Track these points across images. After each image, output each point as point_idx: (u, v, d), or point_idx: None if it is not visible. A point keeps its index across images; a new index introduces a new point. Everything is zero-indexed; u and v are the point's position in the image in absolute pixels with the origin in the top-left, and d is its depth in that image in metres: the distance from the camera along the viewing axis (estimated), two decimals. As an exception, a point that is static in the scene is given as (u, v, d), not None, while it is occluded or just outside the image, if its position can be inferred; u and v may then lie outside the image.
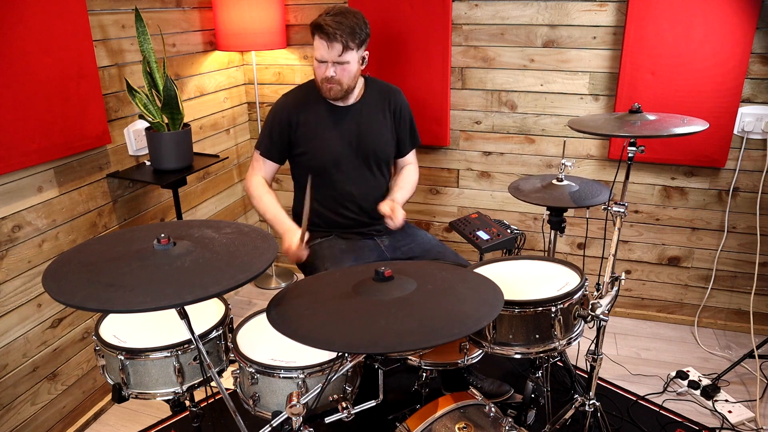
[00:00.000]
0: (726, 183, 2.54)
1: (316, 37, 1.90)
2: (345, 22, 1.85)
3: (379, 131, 2.10)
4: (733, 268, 2.67)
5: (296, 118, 2.03)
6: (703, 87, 2.37)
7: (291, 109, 2.04)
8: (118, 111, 2.20)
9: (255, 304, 3.06)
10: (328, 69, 1.92)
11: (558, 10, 2.49)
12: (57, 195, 1.98)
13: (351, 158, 2.06)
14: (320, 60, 1.92)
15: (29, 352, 1.94)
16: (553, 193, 2.00)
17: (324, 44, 1.88)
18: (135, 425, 2.19)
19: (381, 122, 2.10)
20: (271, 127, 2.05)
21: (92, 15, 2.02)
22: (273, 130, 2.05)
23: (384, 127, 2.12)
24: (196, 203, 2.79)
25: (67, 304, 1.01)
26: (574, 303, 1.48)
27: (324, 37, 1.87)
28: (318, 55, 1.92)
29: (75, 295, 1.02)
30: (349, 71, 1.93)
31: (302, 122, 2.03)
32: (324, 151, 2.04)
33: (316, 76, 1.98)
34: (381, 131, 2.11)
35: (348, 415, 1.31)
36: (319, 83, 1.98)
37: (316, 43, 1.91)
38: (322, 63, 1.92)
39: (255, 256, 1.17)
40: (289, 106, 2.05)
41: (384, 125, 2.11)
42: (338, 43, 1.86)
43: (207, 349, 1.46)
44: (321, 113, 2.04)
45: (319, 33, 1.88)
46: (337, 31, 1.85)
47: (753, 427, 2.12)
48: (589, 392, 1.74)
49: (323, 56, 1.90)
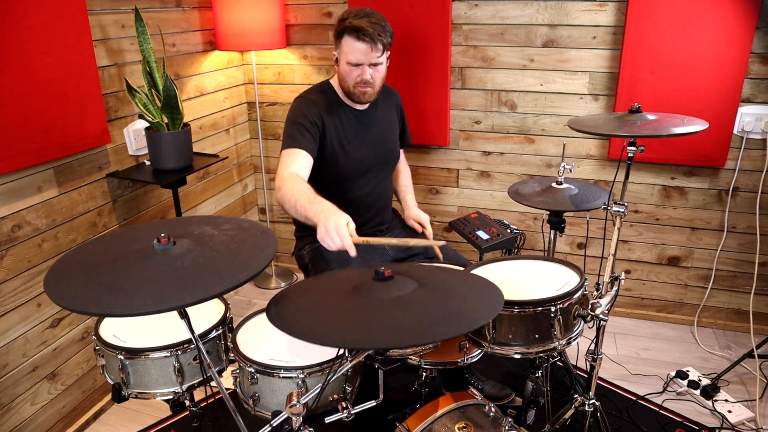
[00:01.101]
0: (726, 183, 2.54)
1: (351, 39, 1.81)
2: (380, 23, 1.82)
3: (393, 132, 2.13)
4: (732, 267, 2.67)
5: (324, 119, 1.92)
6: (703, 87, 2.37)
7: (319, 109, 1.91)
8: (118, 111, 2.20)
9: (255, 304, 3.06)
10: (365, 72, 1.85)
11: (558, 10, 2.49)
12: (57, 195, 1.98)
13: (375, 164, 2.04)
14: (356, 63, 1.84)
15: (29, 351, 1.94)
16: (553, 197, 2.00)
17: (364, 46, 1.81)
18: (135, 425, 2.19)
19: (394, 123, 2.13)
20: (301, 122, 1.87)
21: (92, 15, 2.02)
22: (304, 124, 1.86)
23: (396, 128, 2.15)
24: (195, 203, 2.79)
25: (70, 309, 1.01)
26: (574, 303, 1.48)
27: (366, 39, 1.79)
28: (354, 59, 1.83)
29: (76, 300, 1.02)
30: (382, 72, 1.91)
31: (328, 125, 1.92)
32: (350, 157, 1.96)
33: (348, 80, 1.88)
34: (393, 131, 2.13)
35: (348, 415, 1.31)
36: (350, 88, 1.90)
37: (349, 46, 1.82)
38: (357, 66, 1.85)
39: (255, 253, 1.16)
40: (316, 105, 1.92)
41: (395, 124, 2.14)
42: (380, 44, 1.81)
43: (207, 349, 1.46)
44: (344, 118, 1.97)
45: (357, 35, 1.80)
46: (380, 33, 1.80)
47: (753, 427, 2.12)
48: (589, 392, 1.74)
49: (360, 59, 1.83)
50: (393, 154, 2.15)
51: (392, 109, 2.14)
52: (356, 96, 1.92)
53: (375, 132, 2.05)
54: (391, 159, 2.14)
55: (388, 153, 2.11)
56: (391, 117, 2.13)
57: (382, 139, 2.07)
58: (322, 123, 1.90)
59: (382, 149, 2.08)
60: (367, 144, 2.02)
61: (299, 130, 1.86)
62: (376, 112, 2.06)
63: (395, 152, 2.17)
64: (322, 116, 1.91)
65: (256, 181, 3.30)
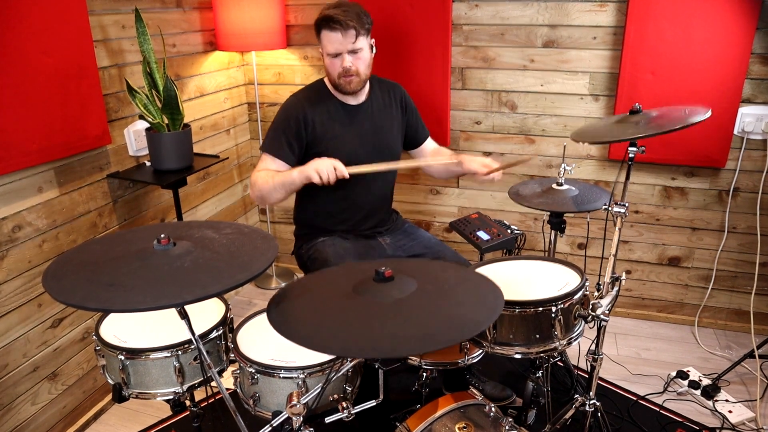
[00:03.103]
0: (726, 183, 2.54)
1: (326, 31, 1.87)
2: (350, 10, 1.86)
3: (391, 127, 2.11)
4: (733, 268, 2.67)
5: (311, 117, 1.96)
6: (704, 87, 2.37)
7: (304, 107, 1.97)
8: (119, 111, 2.20)
9: (255, 304, 3.06)
10: (344, 60, 1.89)
11: (558, 11, 2.49)
12: (57, 195, 1.98)
13: (367, 156, 2.02)
14: (334, 53, 1.89)
15: (29, 352, 1.94)
16: (553, 198, 2.00)
17: (337, 35, 1.85)
18: (135, 425, 2.19)
19: (392, 117, 2.11)
20: (284, 126, 1.96)
21: (92, 15, 2.02)
22: (286, 130, 1.96)
23: (395, 122, 2.12)
24: (196, 203, 2.79)
25: (68, 304, 1.01)
26: (575, 303, 1.48)
27: (337, 27, 1.84)
28: (332, 49, 1.88)
29: (75, 295, 1.02)
30: (364, 59, 1.92)
31: (317, 121, 1.97)
32: (341, 150, 1.97)
33: (331, 73, 1.94)
34: (392, 127, 2.12)
35: (348, 415, 1.31)
36: (335, 80, 1.94)
37: (326, 38, 1.88)
38: (336, 57, 1.89)
39: (255, 256, 1.17)
40: (302, 104, 1.98)
41: (395, 120, 2.12)
42: (351, 29, 1.85)
43: (207, 349, 1.46)
44: (334, 112, 2.00)
45: (329, 25, 1.85)
46: (348, 19, 1.84)
47: (753, 427, 2.12)
48: (590, 392, 1.74)
49: (337, 48, 1.87)
50: (389, 149, 2.10)
51: (391, 104, 2.12)
52: (342, 87, 1.95)
53: (368, 126, 2.04)
54: (387, 154, 2.08)
55: (384, 148, 2.07)
56: (391, 112, 2.11)
57: (377, 134, 2.06)
58: (305, 119, 1.96)
59: (377, 144, 2.06)
60: (357, 135, 2.02)
61: (281, 131, 1.97)
62: (371, 106, 2.06)
63: (392, 147, 2.12)
64: (307, 112, 1.96)
65: (257, 182, 3.30)
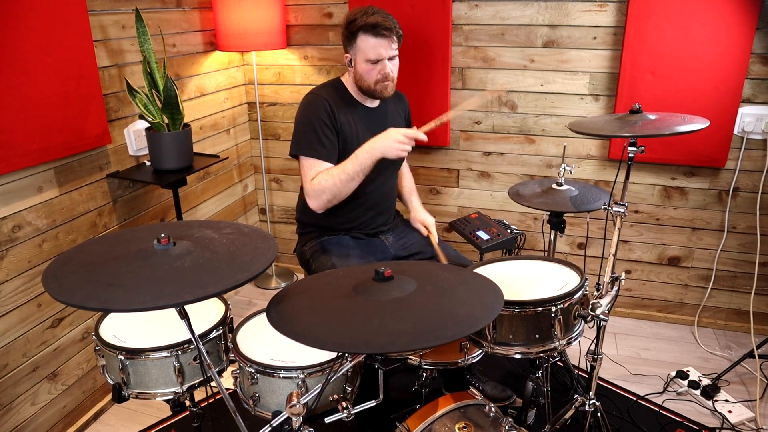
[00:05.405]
0: (726, 183, 2.54)
1: (368, 36, 1.84)
2: (390, 16, 1.86)
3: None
4: (733, 268, 2.67)
5: (338, 116, 1.93)
6: (703, 87, 2.37)
7: (332, 105, 1.92)
8: (119, 111, 2.20)
9: (255, 304, 3.06)
10: (386, 66, 1.88)
11: (558, 11, 2.49)
12: (57, 195, 1.98)
13: (384, 160, 2.02)
14: (376, 59, 1.86)
15: (29, 351, 1.94)
16: (553, 198, 2.00)
17: (384, 41, 1.84)
18: (135, 425, 2.19)
19: (399, 124, 2.12)
20: (318, 124, 1.89)
21: (92, 15, 2.02)
22: (323, 128, 1.89)
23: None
24: (196, 203, 2.79)
25: (68, 304, 1.01)
26: (575, 303, 1.48)
27: (385, 33, 1.82)
28: (374, 55, 1.85)
29: (75, 295, 1.02)
30: (397, 64, 1.94)
31: (343, 121, 1.94)
32: None
33: (367, 79, 1.90)
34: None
35: (348, 415, 1.31)
36: (371, 86, 1.91)
37: (368, 44, 1.84)
38: (377, 63, 1.87)
39: (255, 256, 1.17)
40: (329, 102, 1.92)
41: (402, 126, 2.12)
42: (395, 36, 1.86)
43: (207, 349, 1.46)
44: (356, 115, 1.98)
45: (376, 32, 1.82)
46: (395, 25, 1.84)
47: (753, 427, 2.12)
48: (589, 392, 1.74)
49: (381, 54, 1.85)
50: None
51: (400, 113, 2.15)
52: (378, 92, 1.93)
53: (383, 129, 2.03)
54: (398, 159, 2.10)
55: None
56: (399, 119, 2.14)
57: None
58: (336, 116, 1.92)
59: None
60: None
61: (318, 131, 1.89)
62: (387, 109, 2.08)
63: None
64: (334, 110, 1.92)
65: (257, 182, 3.30)
